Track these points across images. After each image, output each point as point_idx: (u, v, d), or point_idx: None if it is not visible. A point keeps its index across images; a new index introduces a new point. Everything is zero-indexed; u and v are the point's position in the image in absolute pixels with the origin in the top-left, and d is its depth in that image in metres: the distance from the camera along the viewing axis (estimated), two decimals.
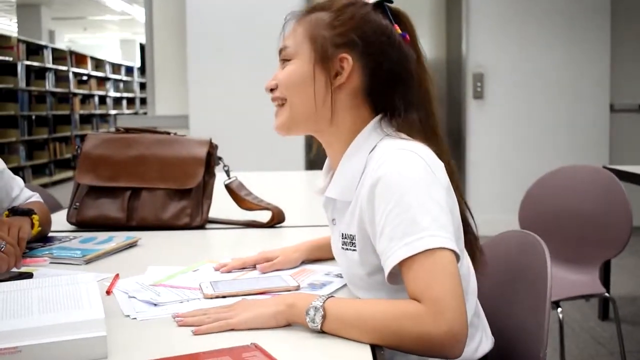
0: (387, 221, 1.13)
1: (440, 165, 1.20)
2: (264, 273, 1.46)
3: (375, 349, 1.04)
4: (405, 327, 1.04)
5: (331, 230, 1.39)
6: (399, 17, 1.31)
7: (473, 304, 1.30)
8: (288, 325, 1.11)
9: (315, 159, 5.14)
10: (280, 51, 1.33)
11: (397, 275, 1.12)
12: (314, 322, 1.07)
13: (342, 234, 1.28)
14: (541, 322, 1.26)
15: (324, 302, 1.08)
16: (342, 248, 1.28)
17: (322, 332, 1.08)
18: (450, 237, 1.11)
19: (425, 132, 1.27)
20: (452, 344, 1.04)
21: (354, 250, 1.25)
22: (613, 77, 5.76)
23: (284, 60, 1.33)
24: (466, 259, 1.30)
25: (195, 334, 1.08)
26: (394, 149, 1.19)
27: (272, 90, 1.34)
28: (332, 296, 1.12)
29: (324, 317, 1.07)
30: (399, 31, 1.29)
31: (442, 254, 1.09)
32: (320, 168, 1.43)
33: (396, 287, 1.15)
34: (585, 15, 5.66)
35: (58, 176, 11.09)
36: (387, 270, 1.12)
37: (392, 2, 1.32)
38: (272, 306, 1.12)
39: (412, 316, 1.05)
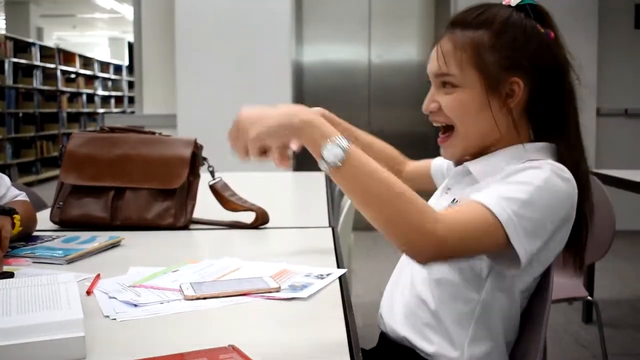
0: (510, 184, 1.18)
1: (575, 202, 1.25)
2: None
3: (353, 352, 1.04)
4: (410, 211, 1.07)
5: (438, 196, 1.47)
6: (542, 15, 1.34)
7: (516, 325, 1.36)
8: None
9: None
10: (440, 74, 1.33)
11: None
12: (332, 157, 1.06)
13: (454, 199, 1.36)
14: (538, 327, 1.27)
15: (348, 143, 1.07)
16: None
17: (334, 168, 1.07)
18: (523, 241, 1.15)
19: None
20: (431, 247, 1.09)
21: None
22: (600, 81, 5.79)
23: (446, 84, 1.32)
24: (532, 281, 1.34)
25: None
26: (557, 165, 1.24)
27: (432, 111, 1.36)
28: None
29: (343, 160, 1.06)
30: (542, 30, 1.32)
31: (500, 232, 1.13)
32: (308, 169, 1.47)
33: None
34: (572, 19, 5.68)
35: (45, 174, 11.05)
36: (470, 197, 1.18)
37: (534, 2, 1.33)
38: (284, 117, 1.11)
39: (423, 206, 1.09)
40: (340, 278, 1.40)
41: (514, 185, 1.18)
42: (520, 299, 1.34)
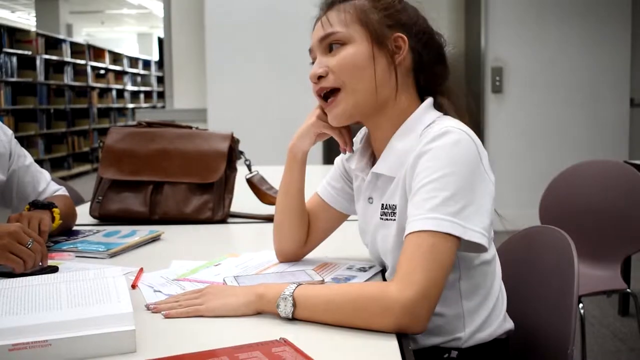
0: (422, 190, 1.16)
1: (485, 153, 1.24)
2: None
3: (401, 339, 1.05)
4: (369, 304, 1.09)
5: (362, 210, 1.41)
6: None
7: (498, 287, 1.33)
8: (258, 314, 1.16)
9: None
10: (325, 36, 1.30)
11: None
12: (285, 312, 1.13)
13: (383, 204, 1.31)
14: (568, 319, 1.25)
15: (293, 292, 1.14)
16: (381, 219, 1.31)
17: (293, 319, 1.13)
18: (471, 228, 1.14)
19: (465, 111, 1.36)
20: (412, 317, 1.07)
21: (393, 220, 1.28)
22: (633, 71, 5.71)
23: (332, 45, 1.30)
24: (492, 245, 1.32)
25: (166, 317, 1.14)
26: (450, 126, 1.21)
27: (319, 78, 1.32)
28: (300, 284, 1.16)
29: (294, 306, 1.12)
30: None
31: (447, 242, 1.12)
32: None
33: None
34: (606, 8, 5.61)
35: (76, 169, 11.16)
36: (406, 233, 1.16)
37: None
38: (242, 296, 1.17)
39: (378, 292, 1.10)
40: (382, 270, 1.40)
41: (431, 185, 1.16)
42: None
